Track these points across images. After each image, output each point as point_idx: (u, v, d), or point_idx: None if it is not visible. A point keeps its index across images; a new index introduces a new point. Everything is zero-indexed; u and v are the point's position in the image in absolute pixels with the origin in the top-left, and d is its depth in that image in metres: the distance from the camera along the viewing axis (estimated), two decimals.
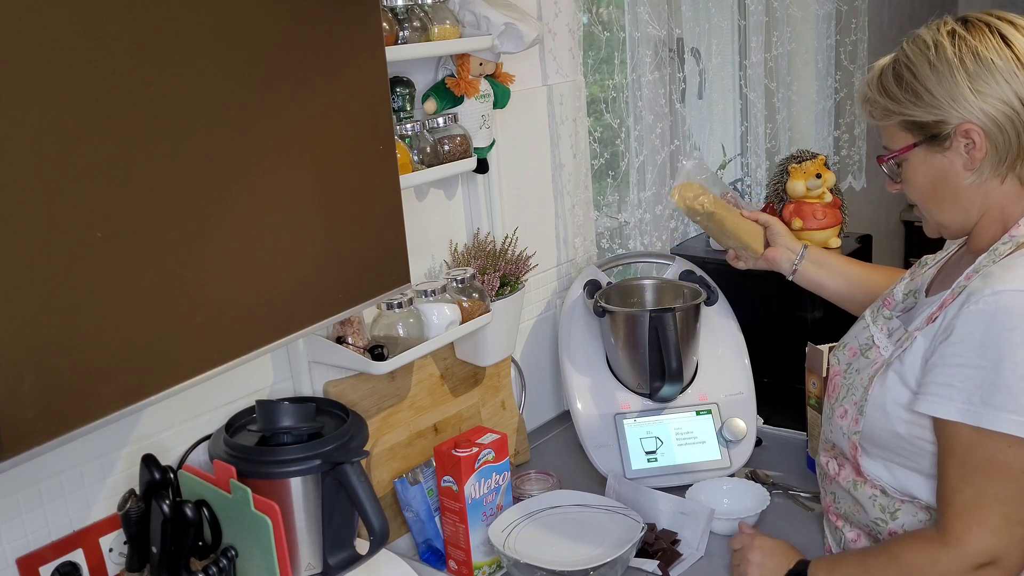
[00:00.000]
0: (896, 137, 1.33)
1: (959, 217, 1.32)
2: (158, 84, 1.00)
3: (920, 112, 1.27)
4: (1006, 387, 1.16)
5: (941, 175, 1.30)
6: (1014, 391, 1.16)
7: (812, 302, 2.14)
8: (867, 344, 1.41)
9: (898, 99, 1.29)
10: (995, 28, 1.25)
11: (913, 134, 1.30)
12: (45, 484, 1.30)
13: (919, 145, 1.30)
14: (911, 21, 3.95)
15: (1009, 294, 1.17)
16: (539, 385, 2.16)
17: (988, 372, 1.17)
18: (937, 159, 1.29)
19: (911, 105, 1.28)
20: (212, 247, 1.07)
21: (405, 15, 1.57)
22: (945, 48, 1.25)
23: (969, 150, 1.26)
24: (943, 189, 1.31)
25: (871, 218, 3.84)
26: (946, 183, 1.30)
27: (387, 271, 1.32)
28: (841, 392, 1.43)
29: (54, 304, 0.93)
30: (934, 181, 1.31)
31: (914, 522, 1.34)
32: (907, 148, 1.31)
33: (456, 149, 1.71)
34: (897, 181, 1.37)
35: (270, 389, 1.58)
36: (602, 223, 2.34)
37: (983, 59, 1.23)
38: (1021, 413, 1.15)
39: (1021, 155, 1.25)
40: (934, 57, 1.26)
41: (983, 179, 1.27)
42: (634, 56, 2.19)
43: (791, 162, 2.41)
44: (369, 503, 1.30)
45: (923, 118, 1.28)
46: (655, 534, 1.64)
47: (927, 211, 1.36)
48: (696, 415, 1.87)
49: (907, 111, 1.29)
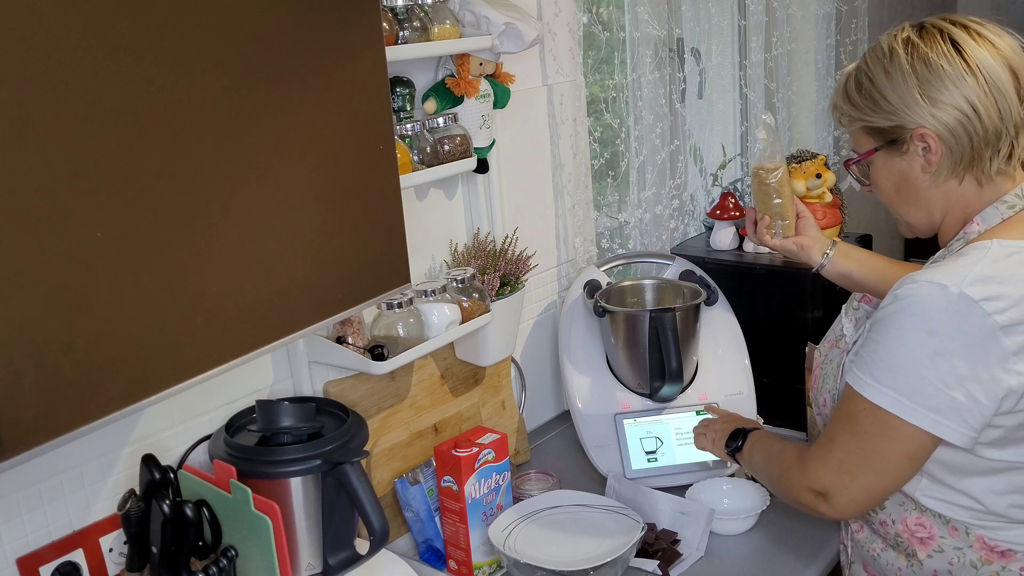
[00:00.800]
0: (861, 142, 1.38)
1: (923, 217, 1.37)
2: (159, 84, 1.00)
3: (878, 118, 1.33)
4: (882, 360, 1.24)
5: (902, 177, 1.35)
6: (888, 366, 1.23)
7: (812, 302, 2.14)
8: (839, 335, 1.47)
9: (859, 106, 1.35)
10: (947, 34, 1.29)
11: (874, 139, 1.35)
12: (45, 484, 1.30)
13: (880, 149, 1.35)
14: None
15: (923, 284, 1.22)
16: (539, 385, 2.16)
17: (880, 347, 1.25)
18: (897, 162, 1.34)
19: (870, 112, 1.33)
20: (212, 247, 1.07)
21: (405, 15, 1.57)
22: (899, 55, 1.30)
23: (926, 154, 1.30)
24: (906, 191, 1.36)
25: (871, 218, 3.84)
26: (908, 185, 1.35)
27: (387, 271, 1.32)
28: (819, 382, 1.49)
29: (54, 304, 0.93)
30: (896, 183, 1.36)
31: (901, 511, 1.36)
32: (870, 152, 1.37)
33: (456, 149, 1.70)
34: (866, 184, 1.42)
35: (270, 389, 1.58)
36: (602, 223, 2.34)
37: (933, 66, 1.27)
38: (896, 390, 1.23)
39: (976, 157, 1.28)
40: (888, 64, 1.31)
41: (941, 181, 1.32)
42: (634, 56, 2.19)
43: (791, 162, 2.41)
44: (369, 503, 1.30)
45: (881, 124, 1.33)
46: (655, 534, 1.64)
47: (895, 211, 1.41)
48: (696, 415, 1.86)
49: (867, 117, 1.34)
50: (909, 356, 1.22)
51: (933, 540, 1.34)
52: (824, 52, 2.94)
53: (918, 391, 1.21)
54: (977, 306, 1.18)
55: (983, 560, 1.32)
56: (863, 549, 1.45)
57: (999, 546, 1.31)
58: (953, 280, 1.20)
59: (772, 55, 2.75)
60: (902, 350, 1.22)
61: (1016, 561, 1.31)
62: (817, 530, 1.67)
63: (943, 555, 1.33)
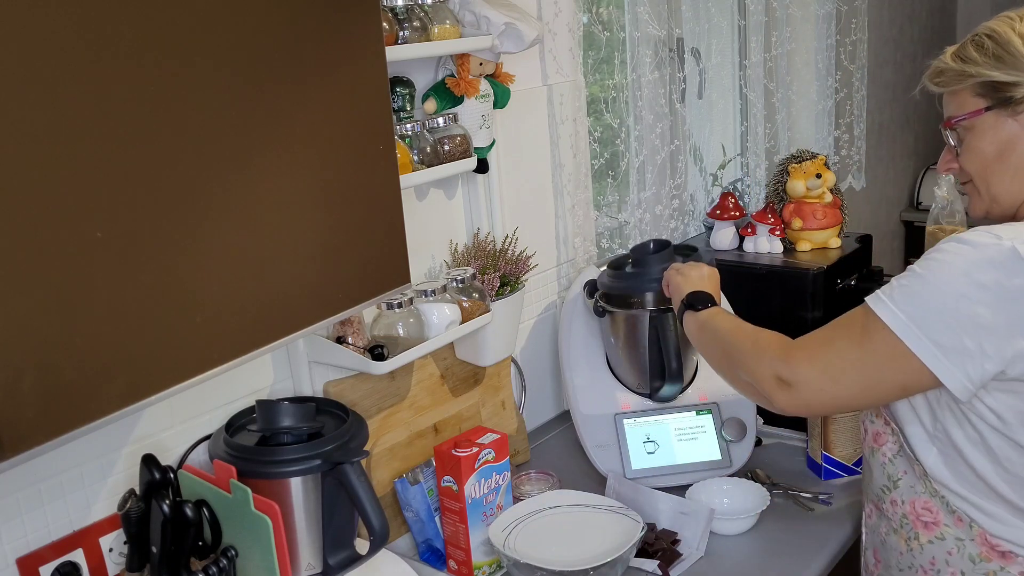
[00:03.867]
0: (966, 102, 1.33)
1: (1016, 189, 1.32)
2: (159, 84, 1.00)
3: (999, 72, 1.28)
4: (910, 287, 1.22)
5: (1009, 141, 1.30)
6: (913, 293, 1.22)
7: (812, 302, 2.14)
8: None
9: (976, 62, 1.30)
10: None
11: (985, 98, 1.30)
12: (45, 484, 1.30)
13: (991, 109, 1.30)
14: (911, 21, 3.95)
15: (982, 232, 1.21)
16: (539, 385, 2.16)
17: (913, 275, 1.24)
18: (1008, 124, 1.29)
19: (990, 66, 1.29)
20: (212, 247, 1.07)
21: (405, 15, 1.57)
22: None
23: None
24: (1009, 156, 1.31)
25: (871, 218, 3.85)
26: (1012, 151, 1.30)
27: (387, 271, 1.32)
28: None
29: (54, 304, 0.93)
30: (1001, 147, 1.31)
31: (911, 493, 1.37)
32: (977, 112, 1.31)
33: (456, 149, 1.71)
34: (959, 152, 1.36)
35: (270, 389, 1.58)
36: (602, 223, 2.34)
37: None
38: (910, 318, 1.21)
39: None
40: (1020, 25, 1.28)
41: None
42: (634, 56, 2.19)
43: (791, 162, 2.41)
44: (369, 503, 1.30)
45: (1001, 78, 1.28)
46: (655, 534, 1.64)
47: (984, 182, 1.35)
48: (696, 415, 1.87)
49: (985, 72, 1.29)
50: (937, 290, 1.20)
51: (937, 526, 1.34)
52: (824, 52, 2.94)
53: (931, 324, 1.20)
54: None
55: (983, 556, 1.32)
56: (874, 535, 1.46)
57: (1001, 545, 1.31)
58: (1010, 235, 1.19)
59: (772, 55, 2.74)
60: (933, 282, 1.20)
61: (1016, 564, 1.30)
62: (817, 530, 1.67)
63: (944, 543, 1.34)
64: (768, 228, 2.37)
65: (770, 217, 2.38)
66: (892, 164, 4.00)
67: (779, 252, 2.36)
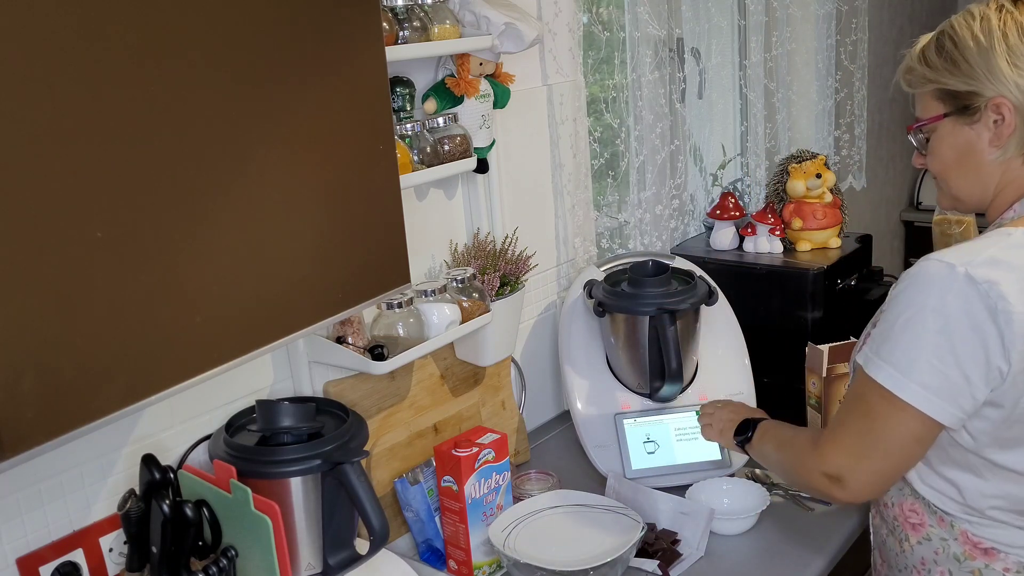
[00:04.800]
0: (928, 106, 1.34)
1: (976, 192, 1.33)
2: (159, 84, 1.00)
3: (955, 81, 1.29)
4: (894, 340, 1.24)
5: (967, 147, 1.31)
6: (898, 345, 1.23)
7: (812, 302, 2.14)
8: None
9: (936, 67, 1.31)
10: None
11: (945, 104, 1.31)
12: (45, 484, 1.30)
13: (949, 116, 1.31)
14: (911, 21, 3.95)
15: (933, 262, 1.22)
16: (539, 385, 2.16)
17: (887, 325, 1.25)
18: (964, 131, 1.30)
19: (947, 73, 1.29)
20: (212, 247, 1.07)
21: (405, 15, 1.57)
22: (990, 19, 1.26)
23: (996, 126, 1.27)
24: (967, 162, 1.32)
25: (871, 218, 3.84)
26: (970, 156, 1.31)
27: (387, 271, 1.32)
28: None
29: (54, 304, 0.93)
30: (959, 153, 1.32)
31: (900, 496, 1.38)
32: (937, 118, 1.33)
33: (456, 149, 1.70)
34: (923, 153, 1.38)
35: (270, 389, 1.58)
36: (602, 223, 2.34)
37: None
38: (894, 366, 1.22)
39: None
40: (977, 28, 1.27)
41: (1007, 156, 1.28)
42: (634, 56, 2.19)
43: (791, 162, 2.41)
44: (369, 503, 1.30)
45: (957, 87, 1.29)
46: (655, 534, 1.64)
47: (946, 182, 1.37)
48: (696, 415, 1.87)
49: (942, 79, 1.30)
50: (910, 332, 1.21)
51: (923, 527, 1.35)
52: (824, 52, 2.94)
53: (914, 368, 1.21)
54: (979, 287, 1.18)
55: (966, 555, 1.32)
56: (877, 535, 1.48)
57: (983, 543, 1.31)
58: (962, 260, 1.20)
59: (772, 55, 2.74)
60: (905, 326, 1.22)
61: (999, 561, 1.31)
62: (817, 530, 1.67)
63: (930, 544, 1.35)
64: (768, 228, 2.37)
65: (770, 217, 2.38)
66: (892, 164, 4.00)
67: (779, 252, 2.36)
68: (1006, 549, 1.31)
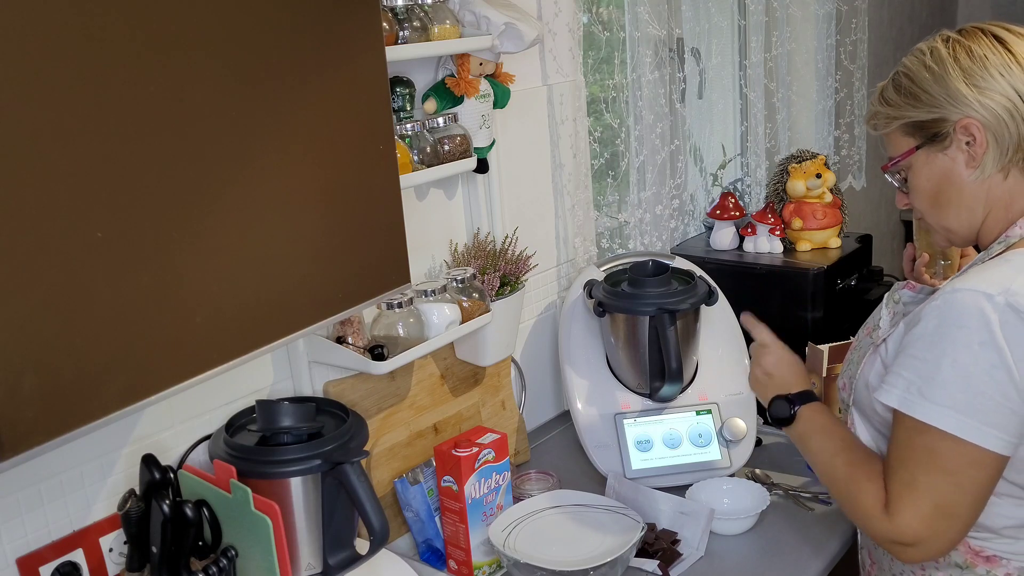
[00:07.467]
0: (898, 143, 1.34)
1: (965, 217, 1.32)
2: (158, 84, 1.00)
3: (918, 112, 1.29)
4: (942, 381, 1.18)
5: (944, 176, 1.30)
6: (949, 386, 1.18)
7: (812, 302, 2.14)
8: (875, 325, 1.44)
9: (897, 104, 1.32)
10: (988, 31, 1.28)
11: (914, 137, 1.32)
12: (45, 484, 1.30)
13: (921, 148, 1.31)
14: (911, 21, 3.95)
15: (965, 292, 1.18)
16: (539, 385, 2.16)
17: (929, 365, 1.19)
18: (939, 159, 1.30)
19: (909, 108, 1.30)
20: (212, 247, 1.07)
21: (405, 15, 1.57)
22: (939, 50, 1.28)
23: (970, 147, 1.27)
24: (948, 190, 1.31)
25: (871, 218, 3.84)
26: (950, 184, 1.30)
27: (387, 271, 1.32)
28: (845, 365, 1.49)
29: (54, 304, 0.93)
30: (938, 182, 1.31)
31: None
32: (909, 152, 1.33)
33: (456, 149, 1.70)
34: (904, 191, 1.37)
35: (270, 389, 1.58)
36: (602, 223, 2.34)
37: (976, 56, 1.25)
38: (955, 409, 1.17)
39: (1022, 147, 1.25)
40: (929, 60, 1.29)
41: (986, 175, 1.28)
42: (634, 56, 2.19)
43: (791, 162, 2.41)
44: (369, 503, 1.30)
45: (922, 118, 1.29)
46: (655, 534, 1.64)
47: (934, 218, 1.36)
48: (696, 415, 1.87)
49: (906, 113, 1.31)
50: (963, 372, 1.16)
51: None
52: (824, 52, 2.94)
53: (978, 408, 1.16)
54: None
55: (968, 563, 1.32)
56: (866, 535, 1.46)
57: (985, 551, 1.31)
58: (998, 289, 1.17)
59: (772, 55, 2.74)
60: (956, 366, 1.17)
61: (1001, 567, 1.31)
62: (817, 530, 1.67)
63: None
64: (768, 228, 2.37)
65: (770, 217, 2.38)
66: None
67: (779, 252, 2.36)
68: (1009, 556, 1.30)
